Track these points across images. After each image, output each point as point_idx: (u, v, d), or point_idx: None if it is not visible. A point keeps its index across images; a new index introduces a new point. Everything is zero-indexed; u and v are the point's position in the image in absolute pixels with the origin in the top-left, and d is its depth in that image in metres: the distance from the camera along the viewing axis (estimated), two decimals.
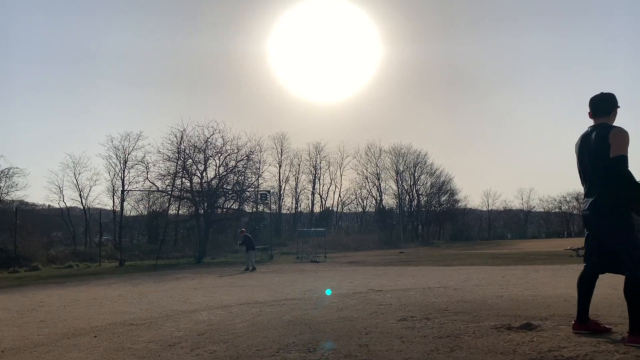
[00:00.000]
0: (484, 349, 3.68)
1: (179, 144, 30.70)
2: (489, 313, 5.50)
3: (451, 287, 9.04)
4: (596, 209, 3.71)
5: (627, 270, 3.52)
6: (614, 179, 3.60)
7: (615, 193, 3.61)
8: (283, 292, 9.34)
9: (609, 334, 3.85)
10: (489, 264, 16.77)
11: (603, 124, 3.82)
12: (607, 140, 3.63)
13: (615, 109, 3.91)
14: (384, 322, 5.23)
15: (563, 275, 10.75)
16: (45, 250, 30.38)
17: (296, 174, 60.04)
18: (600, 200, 3.69)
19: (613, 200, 3.62)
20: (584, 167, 3.91)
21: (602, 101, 3.92)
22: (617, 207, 3.60)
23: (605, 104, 3.91)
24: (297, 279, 12.86)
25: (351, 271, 15.49)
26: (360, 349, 3.93)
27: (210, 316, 6.30)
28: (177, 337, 4.97)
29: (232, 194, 31.24)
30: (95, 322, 6.13)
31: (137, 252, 34.14)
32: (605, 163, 3.64)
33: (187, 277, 15.24)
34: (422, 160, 67.19)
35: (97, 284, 13.38)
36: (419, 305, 6.48)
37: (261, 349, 4.16)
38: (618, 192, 3.60)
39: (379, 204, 65.34)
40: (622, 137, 3.61)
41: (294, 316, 5.96)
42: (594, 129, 3.86)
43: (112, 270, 22.02)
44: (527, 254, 23.30)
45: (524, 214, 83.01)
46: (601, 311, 5.13)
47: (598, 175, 3.73)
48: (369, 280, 11.28)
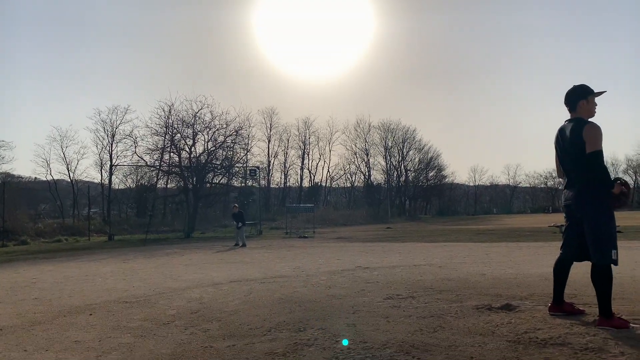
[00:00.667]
0: (464, 329, 3.89)
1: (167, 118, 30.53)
2: (472, 292, 5.73)
3: (436, 264, 9.29)
4: (578, 199, 3.87)
5: (595, 257, 3.72)
6: (592, 172, 3.76)
7: (596, 184, 3.77)
8: (273, 269, 9.54)
9: (583, 315, 4.07)
10: (473, 241, 17.13)
11: (577, 118, 3.95)
12: (582, 138, 3.77)
13: (579, 101, 3.97)
14: (370, 301, 5.43)
15: (545, 254, 11.06)
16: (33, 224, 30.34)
17: (285, 149, 60.08)
18: (582, 191, 3.84)
19: (594, 191, 3.78)
20: (563, 160, 4.06)
21: (568, 95, 4.03)
22: (598, 198, 3.76)
23: (570, 97, 4.02)
24: (286, 255, 13.08)
25: (339, 247, 15.75)
26: (348, 329, 4.12)
27: (202, 294, 6.47)
28: (171, 315, 5.13)
29: (221, 169, 31.25)
30: (89, 300, 6.27)
31: (126, 226, 34.20)
32: (582, 160, 3.78)
33: (177, 252, 15.41)
34: (410, 136, 67.52)
35: (87, 260, 13.50)
36: (404, 283, 6.70)
37: (253, 328, 4.34)
38: (598, 184, 3.76)
39: (367, 179, 65.75)
40: (594, 133, 3.74)
41: (284, 294, 6.15)
42: (568, 124, 3.99)
43: (102, 244, 22.12)
44: (512, 230, 23.77)
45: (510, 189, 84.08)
46: (579, 290, 5.39)
47: (578, 169, 3.88)
48: (356, 258, 11.53)
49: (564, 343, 3.35)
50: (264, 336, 4.03)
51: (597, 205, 3.76)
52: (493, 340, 3.54)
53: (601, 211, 3.75)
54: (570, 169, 3.97)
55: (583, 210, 3.85)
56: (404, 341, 3.63)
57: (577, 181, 3.91)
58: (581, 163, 3.82)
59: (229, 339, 4.00)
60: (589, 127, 3.78)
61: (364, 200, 61.57)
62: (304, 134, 61.52)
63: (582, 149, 3.76)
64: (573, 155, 3.87)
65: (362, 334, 3.91)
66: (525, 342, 3.44)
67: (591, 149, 3.71)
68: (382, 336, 3.82)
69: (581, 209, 3.86)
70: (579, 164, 3.84)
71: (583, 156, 3.77)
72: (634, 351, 3.10)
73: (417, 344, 3.55)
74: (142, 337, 4.20)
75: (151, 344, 3.95)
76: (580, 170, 3.85)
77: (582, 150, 3.76)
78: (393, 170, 67.38)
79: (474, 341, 3.54)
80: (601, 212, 3.74)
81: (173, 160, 31.03)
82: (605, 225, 3.72)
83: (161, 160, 32.52)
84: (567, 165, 4.00)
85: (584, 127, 3.80)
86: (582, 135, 3.76)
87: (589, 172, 3.78)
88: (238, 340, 3.92)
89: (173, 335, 4.22)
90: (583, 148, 3.75)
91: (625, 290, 5.42)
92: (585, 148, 3.74)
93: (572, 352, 3.16)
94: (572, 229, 4.05)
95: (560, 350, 3.21)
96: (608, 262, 3.68)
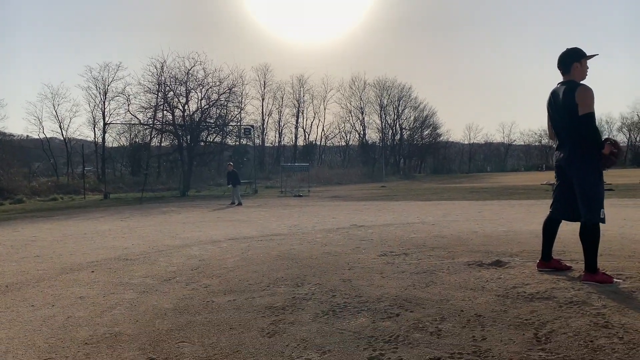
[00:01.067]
0: (456, 285, 4.05)
1: (160, 75, 30.15)
2: (463, 249, 5.90)
3: (429, 222, 9.48)
4: (570, 160, 3.96)
5: (584, 216, 3.85)
6: (584, 134, 3.84)
7: (586, 146, 3.85)
8: (269, 227, 9.71)
9: (569, 271, 4.24)
10: (467, 199, 17.36)
11: (570, 81, 4.00)
12: (574, 100, 3.83)
13: (572, 64, 4.01)
14: (365, 258, 5.59)
15: (537, 211, 11.27)
16: (28, 182, 30.36)
17: (279, 107, 59.73)
18: (572, 153, 3.93)
19: (584, 152, 3.87)
20: (555, 122, 4.12)
21: (562, 58, 4.06)
22: (588, 159, 3.86)
23: (563, 62, 4.05)
24: (282, 214, 13.26)
25: (334, 206, 15.94)
26: (343, 284, 4.28)
27: (201, 251, 6.62)
28: (172, 272, 5.28)
29: (215, 128, 31.12)
30: (90, 258, 6.41)
31: (121, 185, 34.31)
32: (575, 121, 3.86)
33: (173, 211, 15.55)
34: (406, 94, 67.14)
35: (84, 218, 13.63)
36: (398, 241, 6.87)
37: (252, 284, 4.49)
38: (589, 145, 3.84)
39: (362, 138, 65.69)
40: (587, 95, 3.80)
41: (281, 251, 6.30)
42: (561, 86, 4.04)
43: (97, 203, 22.25)
44: (505, 188, 24.04)
45: (504, 147, 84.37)
46: (568, 247, 5.56)
47: (570, 130, 3.95)
48: (351, 216, 11.71)
49: (549, 297, 3.51)
50: (263, 291, 4.18)
51: (587, 166, 3.86)
52: (483, 294, 3.70)
53: (591, 172, 3.85)
54: (562, 130, 4.04)
55: (573, 170, 3.95)
56: (397, 295, 3.79)
57: (568, 143, 3.99)
58: (573, 125, 3.89)
59: (229, 294, 4.15)
60: (582, 90, 3.84)
61: (359, 159, 61.72)
62: (299, 92, 61.08)
63: (574, 111, 3.83)
64: (565, 117, 3.94)
65: (357, 289, 4.06)
66: (513, 296, 3.60)
67: (584, 111, 3.78)
68: (377, 291, 3.97)
69: (571, 170, 3.97)
70: (571, 126, 3.92)
71: (575, 118, 3.84)
72: (616, 304, 3.27)
73: (410, 298, 3.71)
74: (145, 293, 4.34)
75: (154, 300, 4.09)
76: (572, 132, 3.93)
77: (575, 112, 3.83)
78: (388, 128, 67.32)
79: (465, 295, 3.70)
80: (591, 173, 3.85)
81: (167, 118, 30.83)
82: (595, 185, 3.84)
83: (154, 119, 32.30)
84: (559, 127, 4.07)
85: (577, 89, 3.85)
86: (575, 98, 3.82)
87: (580, 134, 3.86)
88: (238, 296, 4.07)
89: (175, 291, 4.36)
90: (575, 110, 3.82)
91: (613, 247, 5.60)
92: (577, 110, 3.80)
93: (557, 305, 3.32)
94: (562, 189, 4.16)
95: (546, 304, 3.37)
96: (596, 221, 3.81)
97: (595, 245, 3.82)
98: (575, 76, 4.02)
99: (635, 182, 22.98)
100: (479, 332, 2.90)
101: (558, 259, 4.48)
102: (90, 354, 2.87)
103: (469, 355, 2.58)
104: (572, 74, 4.03)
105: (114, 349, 2.93)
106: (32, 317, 3.68)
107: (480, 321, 3.09)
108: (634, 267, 4.35)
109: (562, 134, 4.07)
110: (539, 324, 2.99)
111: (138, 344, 3.02)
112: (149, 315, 3.63)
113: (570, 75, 4.03)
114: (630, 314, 3.06)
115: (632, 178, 26.56)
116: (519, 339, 2.77)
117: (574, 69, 4.02)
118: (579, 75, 4.02)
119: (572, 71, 4.02)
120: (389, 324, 3.13)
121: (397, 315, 3.30)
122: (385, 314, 3.34)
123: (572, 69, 4.02)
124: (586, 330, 2.84)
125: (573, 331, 2.84)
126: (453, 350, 2.65)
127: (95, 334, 3.24)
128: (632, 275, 4.00)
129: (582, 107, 3.79)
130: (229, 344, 2.95)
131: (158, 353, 2.84)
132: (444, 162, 77.06)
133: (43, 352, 2.94)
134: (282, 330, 3.14)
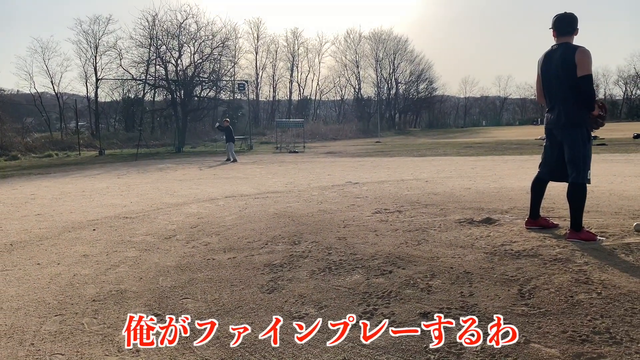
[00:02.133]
0: (446, 242, 4.21)
1: (151, 29, 29.58)
2: (456, 206, 6.05)
3: (423, 179, 9.62)
4: (559, 122, 4.05)
5: (571, 176, 3.99)
6: (578, 96, 3.91)
7: (578, 108, 3.94)
8: (266, 184, 9.83)
9: (556, 229, 4.40)
10: (461, 155, 17.50)
11: (567, 43, 4.04)
12: (574, 61, 3.87)
13: (577, 28, 4.08)
14: (360, 215, 5.74)
15: (529, 167, 11.42)
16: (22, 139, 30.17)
17: (273, 60, 58.83)
18: (564, 114, 4.02)
19: (576, 114, 3.96)
20: (548, 83, 4.17)
21: (566, 21, 4.08)
22: (578, 121, 3.96)
23: (568, 24, 4.08)
24: (277, 170, 13.37)
25: (329, 163, 16.06)
26: (339, 242, 4.44)
27: (199, 209, 6.76)
28: (172, 229, 5.43)
29: (208, 83, 30.81)
30: (90, 216, 6.54)
31: (115, 140, 34.17)
32: (571, 82, 3.91)
33: (169, 167, 15.64)
34: (402, 47, 66.19)
35: (81, 175, 13.71)
36: (392, 198, 7.02)
37: (251, 241, 4.65)
38: (580, 108, 3.93)
39: (358, 92, 65.13)
40: (587, 57, 3.85)
41: (278, 209, 6.45)
42: (558, 48, 4.08)
43: (93, 160, 22.27)
44: (499, 143, 24.17)
45: (500, 101, 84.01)
46: (557, 204, 5.72)
47: (563, 92, 4.02)
48: (346, 173, 11.84)
49: (535, 254, 3.68)
50: (261, 249, 4.34)
51: (576, 128, 3.96)
52: (472, 252, 3.87)
53: (579, 134, 3.96)
54: (555, 92, 4.10)
55: (563, 133, 4.05)
56: (390, 253, 3.95)
57: (558, 105, 4.07)
58: (567, 87, 3.96)
59: (229, 251, 4.31)
60: (582, 51, 3.87)
61: (354, 114, 61.44)
62: (293, 45, 60.05)
63: (572, 73, 3.86)
64: (563, 78, 3.96)
65: (352, 247, 4.22)
66: (500, 253, 3.77)
67: (583, 72, 3.83)
68: (371, 249, 4.13)
69: (561, 132, 4.07)
70: (566, 88, 3.97)
71: (571, 80, 3.89)
72: (597, 261, 3.43)
73: (403, 255, 3.87)
74: (147, 251, 4.49)
75: (156, 257, 4.24)
76: (566, 93, 3.99)
77: (572, 75, 3.87)
78: (383, 83, 66.72)
79: (455, 253, 3.86)
80: (579, 135, 3.96)
81: (159, 73, 30.49)
82: (583, 147, 3.95)
83: (147, 73, 31.90)
84: (553, 88, 4.12)
85: (577, 50, 3.88)
86: (574, 59, 3.86)
87: (574, 95, 3.93)
88: (238, 253, 4.23)
89: (176, 249, 4.51)
90: (573, 72, 3.86)
91: (600, 203, 5.75)
92: (575, 71, 3.84)
93: (542, 262, 3.49)
94: (551, 150, 4.27)
95: (531, 261, 3.54)
96: (583, 181, 3.94)
97: (581, 204, 3.97)
98: (572, 40, 4.07)
99: (628, 137, 23.13)
100: (467, 289, 3.07)
101: (546, 217, 4.64)
102: (98, 310, 3.03)
103: (457, 310, 2.75)
104: (572, 38, 4.07)
105: (120, 306, 3.09)
106: (40, 275, 3.83)
107: (469, 278, 3.26)
108: (618, 224, 4.52)
109: (553, 96, 4.13)
110: (524, 280, 3.16)
111: (143, 300, 3.18)
112: (152, 272, 3.78)
113: (570, 38, 4.07)
114: (609, 271, 3.23)
115: (625, 132, 26.68)
116: (504, 294, 2.94)
117: (575, 33, 4.08)
118: (572, 40, 4.07)
119: (573, 34, 4.07)
120: (382, 281, 3.30)
121: (390, 273, 3.46)
122: (378, 271, 3.51)
123: (574, 33, 4.08)
124: (567, 286, 3.01)
125: (555, 287, 3.01)
126: (442, 306, 2.82)
127: (101, 291, 3.39)
128: (615, 233, 4.16)
129: (581, 69, 3.84)
130: (230, 300, 3.11)
131: (163, 309, 3.00)
132: (439, 117, 76.85)
133: (53, 308, 3.09)
134: (281, 287, 3.30)
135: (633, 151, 15.67)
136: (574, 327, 2.47)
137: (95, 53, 41.32)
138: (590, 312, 2.63)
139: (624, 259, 3.47)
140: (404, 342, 2.41)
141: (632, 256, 3.52)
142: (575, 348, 2.27)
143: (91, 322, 2.85)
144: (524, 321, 2.57)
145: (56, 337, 2.66)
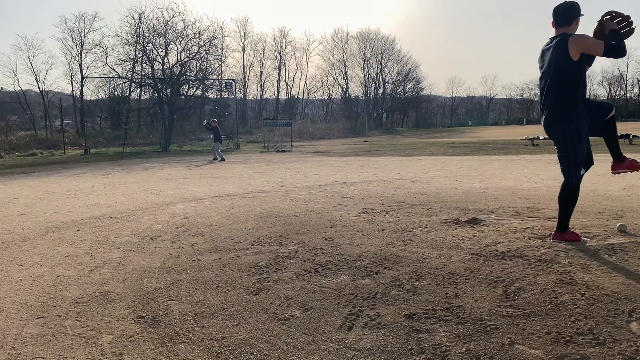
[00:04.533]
0: (432, 243, 4.22)
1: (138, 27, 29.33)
2: (442, 206, 6.08)
3: (410, 179, 9.65)
4: (548, 121, 3.98)
5: (564, 176, 3.93)
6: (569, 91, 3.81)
7: (566, 104, 3.84)
8: (252, 184, 9.79)
9: (541, 230, 4.41)
10: (447, 154, 17.58)
11: (563, 33, 3.90)
12: (567, 48, 3.74)
13: (576, 18, 3.94)
14: (347, 215, 5.74)
15: (515, 167, 11.51)
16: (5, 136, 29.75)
17: (261, 59, 58.61)
18: (553, 113, 3.94)
19: (562, 113, 3.86)
20: (540, 77, 4.06)
21: (564, 11, 3.93)
22: (566, 120, 3.86)
23: (566, 13, 3.93)
24: (265, 170, 13.33)
25: (317, 162, 16.04)
26: (325, 242, 4.43)
27: (185, 209, 6.71)
28: (157, 230, 5.38)
29: (195, 81, 30.64)
30: (74, 216, 6.45)
31: (101, 139, 33.82)
32: (566, 69, 3.79)
33: (155, 166, 15.51)
34: (389, 47, 66.39)
35: (66, 174, 13.54)
36: (379, 198, 7.03)
37: (237, 242, 4.62)
38: (568, 103, 3.83)
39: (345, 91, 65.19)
40: (587, 39, 3.73)
41: (265, 209, 6.42)
42: (554, 39, 3.95)
43: (78, 158, 22.02)
44: (485, 143, 24.33)
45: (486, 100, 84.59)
46: (542, 203, 5.76)
47: (553, 87, 3.91)
48: (334, 172, 11.84)
49: (520, 255, 3.70)
50: (247, 250, 4.32)
51: (565, 127, 3.86)
52: (457, 252, 3.88)
53: (568, 133, 3.86)
54: (546, 87, 3.96)
55: (552, 132, 3.99)
56: (376, 254, 3.95)
57: (548, 104, 3.96)
58: (557, 80, 3.85)
59: (214, 252, 4.28)
60: (575, 37, 3.77)
61: (342, 114, 61.44)
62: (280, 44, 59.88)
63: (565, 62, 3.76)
64: (554, 67, 3.86)
65: (339, 247, 4.22)
66: (486, 254, 3.79)
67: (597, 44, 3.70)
68: (357, 249, 4.13)
69: (550, 131, 4.01)
70: (555, 82, 3.87)
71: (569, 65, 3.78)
72: (581, 262, 3.47)
73: (389, 256, 3.87)
74: (132, 252, 4.44)
75: (140, 258, 4.20)
76: (555, 88, 3.89)
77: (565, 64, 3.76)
78: (371, 82, 66.84)
79: (440, 254, 3.88)
80: (568, 134, 3.86)
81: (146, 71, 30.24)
82: (572, 147, 3.85)
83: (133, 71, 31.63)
84: (546, 79, 3.96)
85: (571, 37, 3.77)
86: (567, 45, 3.75)
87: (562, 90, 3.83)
88: (224, 254, 4.20)
89: (161, 250, 4.47)
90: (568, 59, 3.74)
91: (585, 203, 5.80)
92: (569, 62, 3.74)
93: (527, 263, 3.52)
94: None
95: (516, 261, 3.56)
96: (574, 181, 3.89)
97: (571, 205, 3.91)
98: (573, 30, 3.93)
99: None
100: (452, 290, 3.08)
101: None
102: (82, 312, 2.99)
103: (442, 312, 2.75)
104: (571, 28, 3.94)
105: (104, 308, 3.05)
106: (22, 277, 3.77)
107: (454, 279, 3.27)
108: (601, 224, 4.56)
109: (544, 94, 4.01)
110: (509, 281, 3.18)
111: (127, 302, 3.14)
112: (136, 274, 3.74)
113: (569, 28, 3.93)
114: (593, 272, 3.27)
115: None
116: (489, 295, 2.96)
117: (575, 24, 3.95)
118: (575, 31, 3.94)
119: (572, 25, 3.94)
120: (368, 282, 3.30)
121: (376, 274, 3.46)
122: (364, 272, 3.50)
123: (574, 23, 3.94)
124: (552, 287, 3.03)
125: (540, 288, 3.03)
126: (427, 307, 2.82)
127: (85, 292, 3.35)
128: (599, 234, 4.21)
129: (593, 48, 3.71)
130: (215, 301, 3.09)
131: (147, 311, 2.97)
132: (426, 116, 77.13)
133: (35, 310, 3.05)
134: (267, 288, 3.28)
135: None
136: (558, 328, 2.49)
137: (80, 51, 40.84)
138: (574, 313, 2.65)
139: (607, 260, 3.50)
140: (389, 344, 2.41)
141: (616, 257, 3.56)
142: (559, 349, 2.28)
143: (74, 324, 2.81)
144: (508, 322, 2.58)
145: (38, 341, 2.62)
